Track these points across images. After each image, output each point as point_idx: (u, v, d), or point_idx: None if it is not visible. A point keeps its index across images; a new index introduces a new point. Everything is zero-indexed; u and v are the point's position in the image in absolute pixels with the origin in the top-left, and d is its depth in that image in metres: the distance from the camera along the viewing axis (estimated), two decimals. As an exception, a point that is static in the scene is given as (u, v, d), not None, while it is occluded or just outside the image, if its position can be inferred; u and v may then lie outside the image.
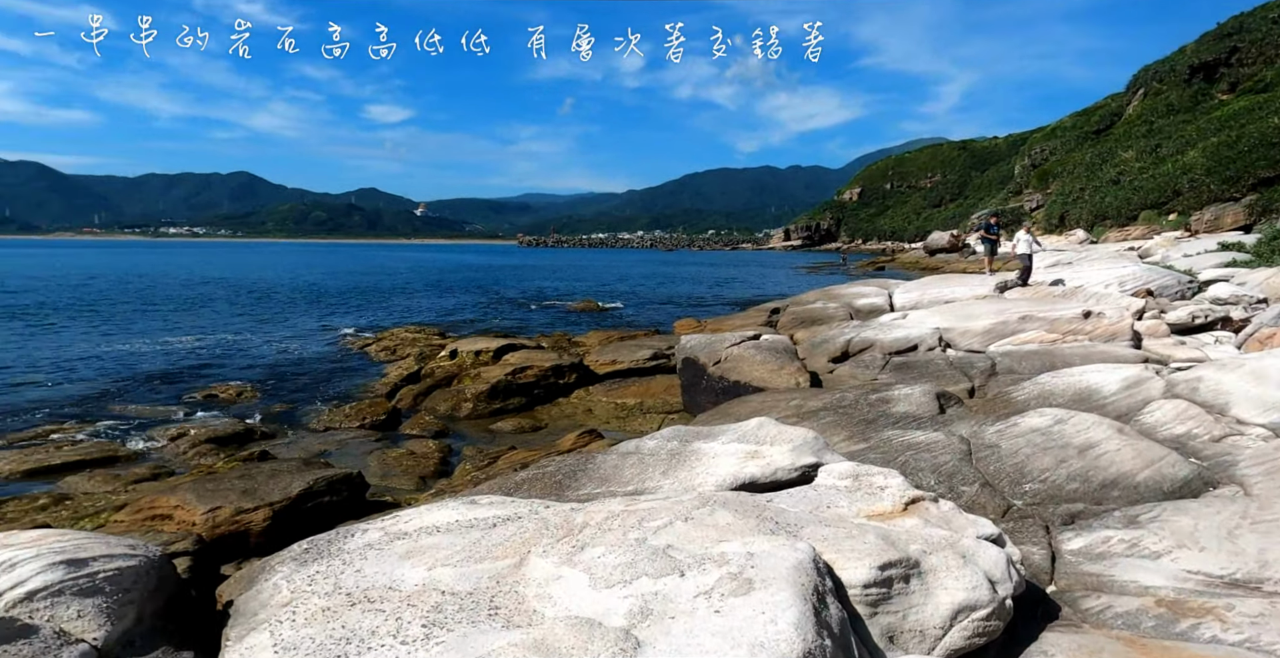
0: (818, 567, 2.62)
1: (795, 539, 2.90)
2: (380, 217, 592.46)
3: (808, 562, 2.60)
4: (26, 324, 23.31)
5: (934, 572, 2.86)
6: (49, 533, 3.18)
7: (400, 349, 16.85)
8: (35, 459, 8.74)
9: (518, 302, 34.60)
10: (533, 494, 5.39)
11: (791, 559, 2.60)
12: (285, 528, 6.00)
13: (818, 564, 2.64)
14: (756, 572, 2.52)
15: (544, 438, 10.52)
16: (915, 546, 3.00)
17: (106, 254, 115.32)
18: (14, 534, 3.12)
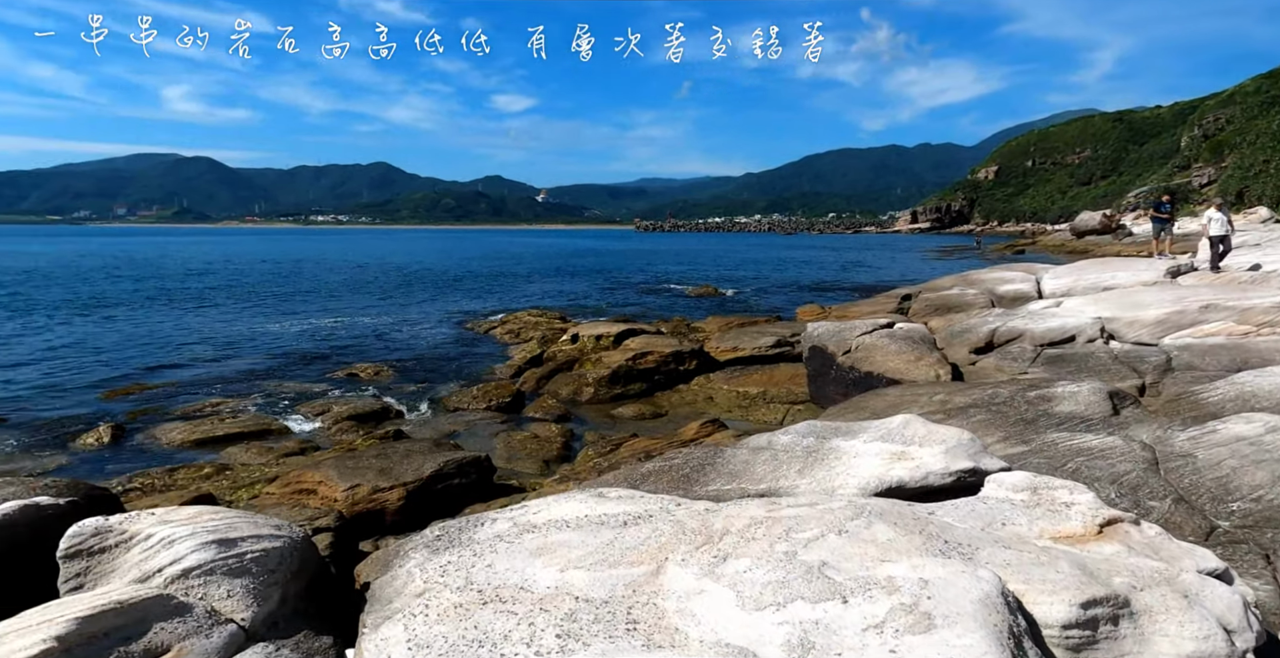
0: (1008, 602, 2.23)
1: (972, 564, 2.51)
2: (504, 203, 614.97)
3: (995, 595, 2.22)
4: (199, 305, 25.76)
5: (1149, 613, 2.39)
6: (204, 510, 3.28)
7: (524, 333, 17.23)
8: (202, 430, 9.50)
9: (636, 286, 34.75)
10: (659, 488, 5.20)
11: (975, 591, 2.23)
12: (417, 507, 6.14)
13: (1007, 598, 2.25)
14: (935, 605, 2.16)
15: (665, 426, 10.36)
16: (1121, 579, 2.53)
17: (265, 241, 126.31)
18: (174, 511, 3.23)
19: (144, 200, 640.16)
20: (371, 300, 27.88)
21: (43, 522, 3.28)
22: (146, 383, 12.62)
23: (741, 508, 3.53)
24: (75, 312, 23.42)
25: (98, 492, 4.95)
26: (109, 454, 8.71)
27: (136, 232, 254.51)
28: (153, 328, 19.75)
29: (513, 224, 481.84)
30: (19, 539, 3.11)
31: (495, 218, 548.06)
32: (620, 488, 4.77)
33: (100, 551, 2.97)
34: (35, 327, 19.81)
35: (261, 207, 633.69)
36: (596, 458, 8.34)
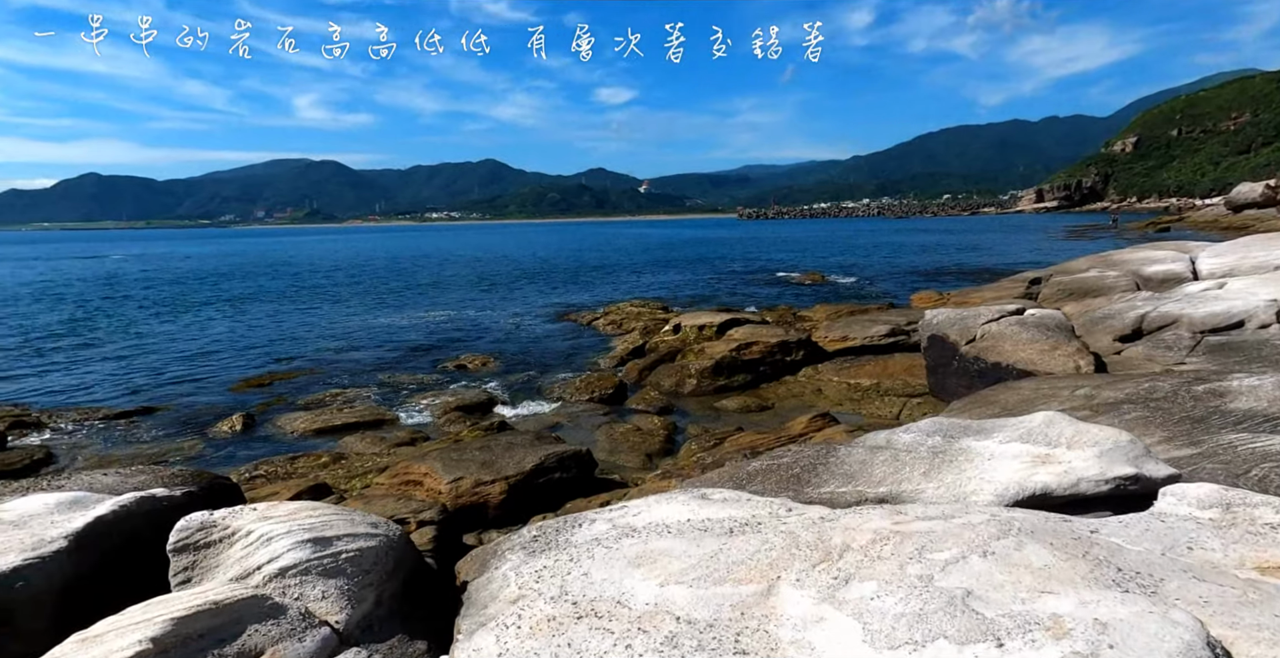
0: (1215, 655, 1.78)
1: (1160, 602, 2.05)
2: (607, 195, 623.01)
3: (1199, 646, 1.78)
4: (325, 300, 27.38)
5: (1407, 677, 1.86)
6: (303, 507, 3.25)
7: (626, 323, 17.15)
8: (323, 420, 9.92)
9: (739, 275, 34.11)
10: (767, 488, 4.87)
11: (1172, 639, 1.79)
12: (519, 501, 6.07)
13: (1215, 651, 1.80)
14: (1119, 655, 1.75)
15: (771, 419, 9.94)
16: (1362, 629, 2.00)
17: (384, 238, 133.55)
18: (275, 506, 3.22)
19: (279, 203, 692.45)
20: (480, 293, 28.73)
21: (159, 514, 3.34)
22: (275, 374, 13.41)
23: (862, 518, 3.16)
24: (218, 308, 25.41)
25: (220, 481, 5.15)
26: (240, 442, 9.24)
27: (273, 232, 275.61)
28: (283, 322, 21.10)
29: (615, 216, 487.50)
30: (137, 531, 3.17)
31: (598, 210, 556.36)
32: (725, 489, 4.48)
33: (206, 545, 2.98)
34: (184, 323, 21.61)
35: (381, 206, 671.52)
36: (700, 453, 8.06)
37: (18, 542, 2.73)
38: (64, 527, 2.89)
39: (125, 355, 15.85)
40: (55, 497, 3.32)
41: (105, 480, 4.56)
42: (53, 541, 2.76)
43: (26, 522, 3.00)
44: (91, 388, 12.64)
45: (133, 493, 3.30)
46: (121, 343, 17.56)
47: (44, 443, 8.95)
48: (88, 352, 16.36)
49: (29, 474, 7.94)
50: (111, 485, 4.50)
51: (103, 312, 24.49)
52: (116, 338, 18.38)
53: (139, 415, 10.38)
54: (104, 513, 3.04)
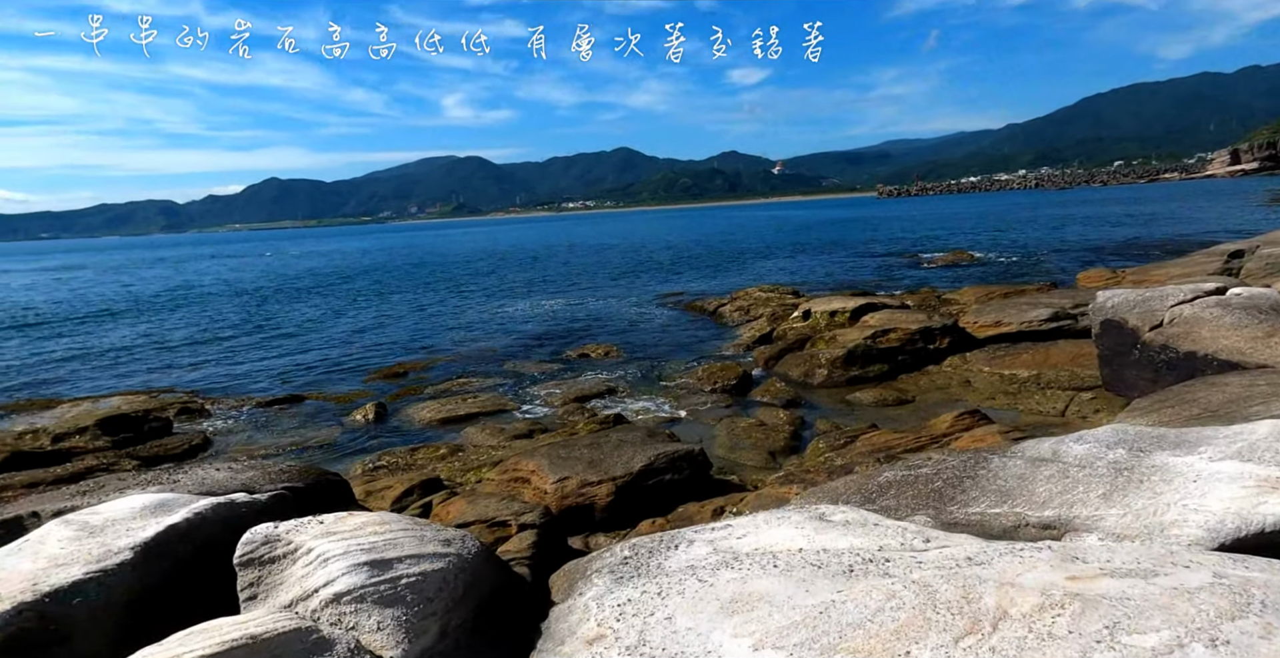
0: None
1: None
2: (739, 178, 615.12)
3: None
4: (461, 289, 28.56)
5: None
6: (370, 520, 3.00)
7: (753, 309, 16.45)
8: (447, 410, 10.08)
9: (877, 256, 32.20)
10: (901, 505, 4.19)
11: None
12: (627, 503, 5.71)
13: None
14: None
15: (911, 415, 9.01)
16: None
17: (522, 229, 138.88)
18: (342, 519, 2.99)
19: (430, 199, 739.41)
20: (607, 281, 28.87)
21: (238, 520, 3.22)
22: (409, 363, 13.92)
23: (1024, 564, 2.47)
24: (366, 299, 27.12)
25: (328, 477, 5.14)
26: (371, 431, 9.55)
27: (423, 227, 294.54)
28: (421, 311, 22.12)
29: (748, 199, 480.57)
30: (214, 539, 3.05)
31: (730, 194, 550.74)
32: (849, 507, 3.86)
33: (270, 560, 2.79)
34: (336, 313, 23.19)
35: (521, 198, 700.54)
36: (828, 452, 7.36)
37: (85, 553, 2.65)
38: (133, 536, 2.79)
39: (283, 345, 17.11)
40: (145, 499, 3.28)
41: (216, 477, 4.61)
42: (118, 552, 2.66)
43: (105, 528, 2.94)
44: (250, 376, 13.68)
45: (209, 499, 3.20)
46: (282, 333, 19.03)
47: (203, 429, 9.66)
48: (253, 339, 17.84)
49: (188, 458, 8.57)
50: (220, 482, 4.54)
51: (270, 304, 26.82)
52: (278, 329, 19.96)
53: (287, 404, 11.02)
54: (177, 521, 2.94)
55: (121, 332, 20.73)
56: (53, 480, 7.00)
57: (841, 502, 4.43)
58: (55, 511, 4.22)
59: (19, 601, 2.34)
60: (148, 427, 9.02)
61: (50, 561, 2.63)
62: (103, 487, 4.61)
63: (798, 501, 4.72)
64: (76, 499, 4.35)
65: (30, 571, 2.56)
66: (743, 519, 3.67)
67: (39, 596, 2.40)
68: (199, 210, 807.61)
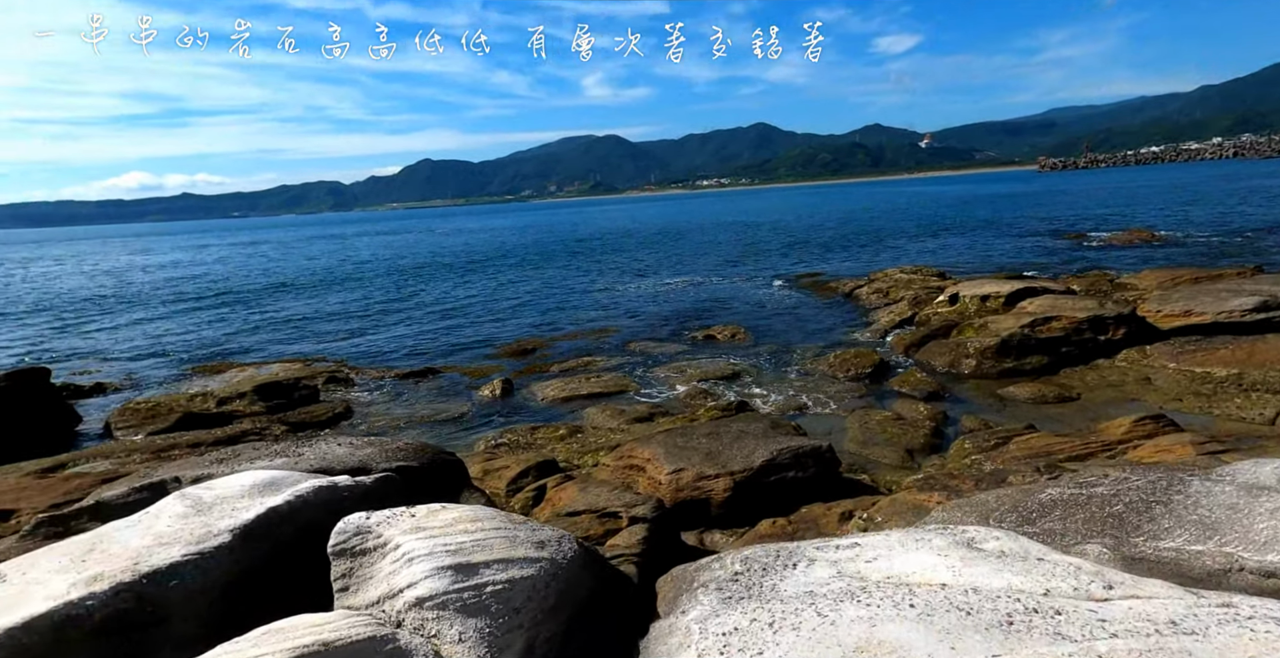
0: None
1: None
2: (883, 152, 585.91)
3: None
4: (593, 266, 28.91)
5: None
6: (463, 516, 2.83)
7: (893, 292, 15.37)
8: (570, 388, 10.08)
9: (1038, 235, 29.38)
10: (1069, 529, 3.56)
11: None
12: (745, 500, 5.34)
13: None
14: None
15: (1076, 416, 7.98)
16: None
17: (656, 207, 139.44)
18: (434, 514, 2.84)
19: (569, 177, 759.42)
20: (738, 260, 28.20)
21: (339, 504, 3.16)
22: (538, 339, 14.16)
23: (1255, 640, 1.89)
24: (504, 274, 28.05)
25: (444, 457, 5.13)
26: (497, 407, 9.71)
27: (562, 205, 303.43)
28: (553, 288, 22.55)
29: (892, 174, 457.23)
30: (316, 523, 3.00)
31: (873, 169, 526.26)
32: (1003, 531, 3.28)
33: (361, 552, 2.69)
34: (475, 288, 24.13)
35: (656, 175, 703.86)
36: (975, 454, 6.62)
37: (188, 532, 2.65)
38: (236, 517, 2.78)
39: (425, 318, 17.97)
40: (256, 476, 3.31)
41: (337, 452, 4.69)
42: (218, 534, 2.64)
43: (214, 506, 2.96)
44: (393, 347, 14.42)
45: (313, 481, 3.16)
46: (425, 308, 20.01)
47: (346, 398, 10.22)
48: (399, 313, 18.87)
49: (330, 426, 9.07)
50: (340, 457, 4.61)
51: (418, 279, 28.37)
52: (422, 303, 21.02)
53: (423, 376, 11.47)
54: (278, 504, 2.91)
55: (288, 303, 22.63)
56: (212, 442, 7.58)
57: (993, 521, 3.84)
58: (194, 477, 4.44)
59: (118, 581, 2.34)
60: (297, 394, 9.63)
61: (156, 538, 2.65)
62: (238, 456, 4.82)
63: (939, 513, 4.17)
64: (213, 467, 4.56)
65: (136, 548, 2.59)
66: (874, 537, 3.21)
67: (138, 576, 2.39)
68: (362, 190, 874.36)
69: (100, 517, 4.25)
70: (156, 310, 22.15)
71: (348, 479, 3.27)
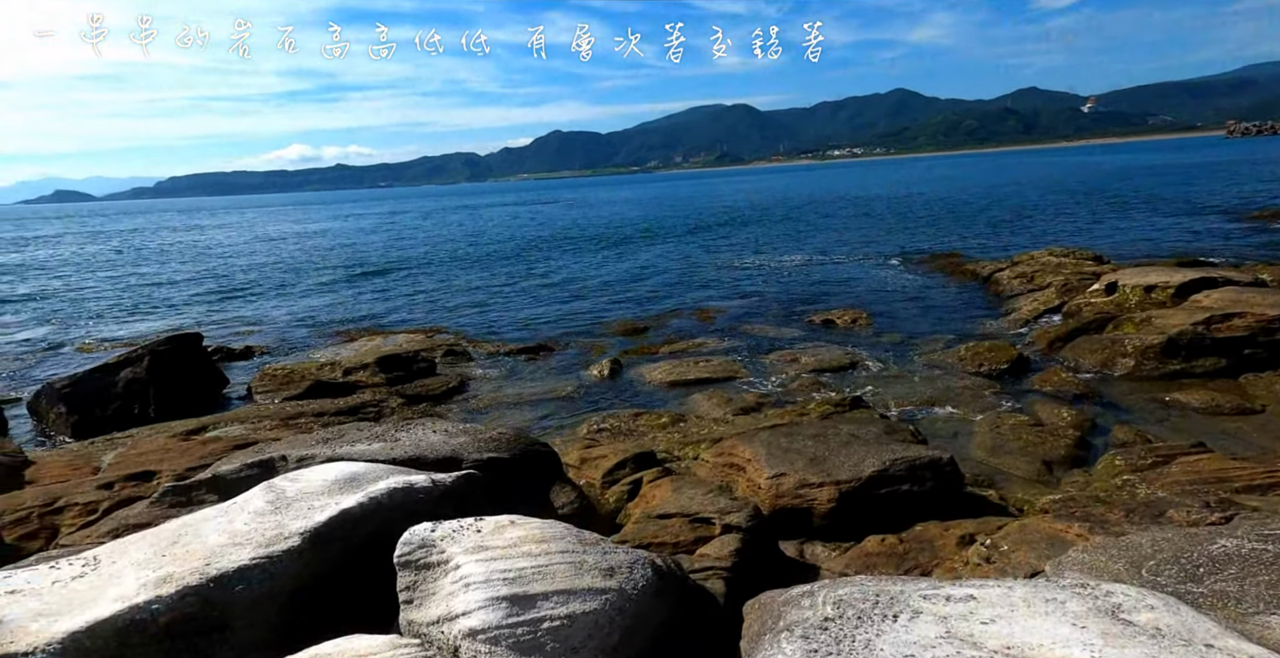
0: None
1: None
2: (1037, 118, 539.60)
3: None
4: (704, 242, 28.42)
5: None
6: (529, 536, 2.66)
7: (1039, 277, 13.97)
8: (678, 372, 9.87)
9: (1219, 213, 25.96)
10: (1247, 593, 2.94)
11: None
12: (851, 512, 4.94)
13: None
14: None
15: (1258, 432, 6.89)
16: None
17: (783, 178, 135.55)
18: (498, 531, 2.69)
19: (695, 148, 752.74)
20: (866, 236, 26.79)
21: (416, 506, 3.10)
22: (651, 316, 14.03)
23: None
24: (622, 250, 28.11)
25: (536, 448, 5.05)
26: (604, 389, 9.66)
27: (686, 176, 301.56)
28: (669, 265, 22.33)
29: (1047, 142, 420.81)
30: (391, 525, 2.94)
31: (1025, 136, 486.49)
32: (1159, 596, 2.74)
33: (425, 566, 2.59)
34: (592, 262, 24.33)
35: (785, 145, 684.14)
36: (1128, 474, 5.81)
37: (261, 533, 2.64)
38: (309, 518, 2.75)
39: (545, 293, 18.29)
40: (340, 470, 3.31)
41: (431, 439, 4.70)
42: (289, 537, 2.62)
43: (294, 503, 2.96)
44: (512, 321, 14.76)
45: (390, 481, 3.10)
46: (546, 282, 20.39)
47: (461, 373, 10.51)
48: (522, 286, 19.34)
49: (443, 400, 9.35)
50: (433, 445, 4.62)
51: (543, 252, 29.00)
52: (544, 277, 21.44)
53: (536, 352, 11.62)
54: (351, 506, 2.86)
55: (418, 274, 23.76)
56: (334, 412, 7.97)
57: (1147, 573, 3.26)
58: (299, 457, 4.58)
59: (185, 584, 2.35)
60: (416, 367, 10.00)
61: (231, 537, 2.67)
62: (342, 436, 4.94)
63: (1078, 554, 3.60)
64: (317, 447, 4.69)
65: (211, 547, 2.61)
66: (994, 590, 2.77)
67: (205, 579, 2.40)
68: (495, 161, 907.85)
69: (218, 490, 4.48)
70: (303, 278, 23.89)
71: (425, 480, 3.20)
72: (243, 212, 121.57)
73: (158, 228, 68.24)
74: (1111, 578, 3.28)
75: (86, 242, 51.01)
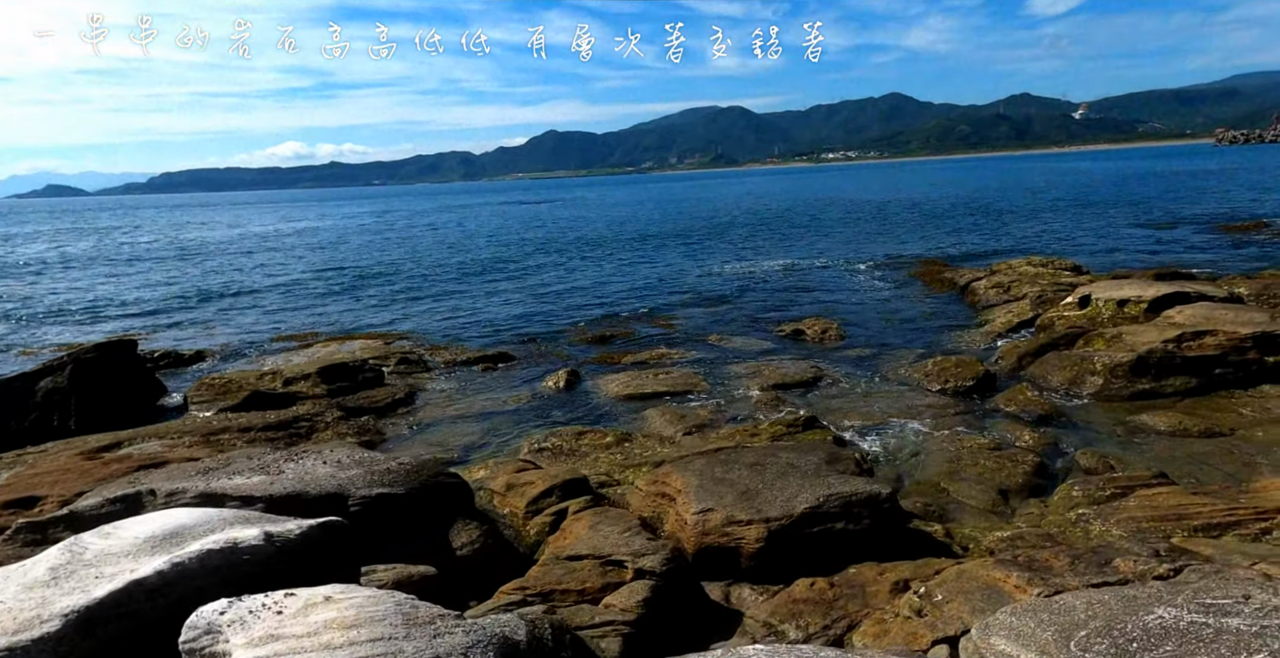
0: None
1: None
2: (1029, 124, 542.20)
3: None
4: (686, 247, 28.06)
5: None
6: (338, 620, 2.28)
7: (1015, 287, 13.67)
8: (635, 385, 9.50)
9: (1201, 223, 25.78)
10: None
11: None
12: (781, 552, 4.58)
13: None
14: None
15: (1224, 457, 6.58)
16: None
17: (776, 180, 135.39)
18: (310, 609, 2.30)
19: (689, 149, 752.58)
20: (851, 241, 26.49)
21: (239, 570, 2.71)
22: (616, 325, 13.65)
23: None
24: (605, 252, 27.71)
25: (442, 480, 4.68)
26: (556, 401, 9.29)
27: (680, 177, 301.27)
28: (649, 270, 21.96)
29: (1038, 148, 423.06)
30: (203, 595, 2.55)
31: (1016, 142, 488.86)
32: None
33: (210, 656, 2.20)
34: (564, 266, 23.93)
35: (779, 148, 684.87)
36: (1083, 507, 5.48)
37: (13, 615, 2.24)
38: (85, 594, 2.36)
39: (518, 296, 17.89)
40: (165, 522, 2.92)
41: (317, 473, 4.32)
42: (47, 620, 2.23)
43: (90, 566, 2.57)
44: (477, 325, 14.37)
45: (205, 542, 2.71)
46: (521, 283, 19.98)
47: (411, 383, 10.11)
48: (495, 288, 18.92)
49: (387, 413, 8.94)
50: (318, 480, 4.23)
51: (521, 253, 28.57)
52: (520, 279, 21.03)
53: (495, 361, 11.23)
54: (145, 575, 2.47)
55: (396, 276, 23.30)
56: (262, 427, 7.57)
57: (1076, 647, 2.89)
58: (170, 491, 4.19)
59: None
60: (362, 377, 9.59)
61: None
62: (230, 464, 4.55)
63: (1007, 617, 3.24)
64: (195, 480, 4.30)
65: (-38, 628, 2.21)
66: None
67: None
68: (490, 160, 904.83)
69: (74, 527, 4.06)
70: (274, 279, 23.41)
71: (256, 536, 2.80)
72: (231, 208, 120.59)
73: (135, 226, 67.37)
74: (1038, 649, 2.93)
75: (66, 239, 50.30)
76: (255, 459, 4.58)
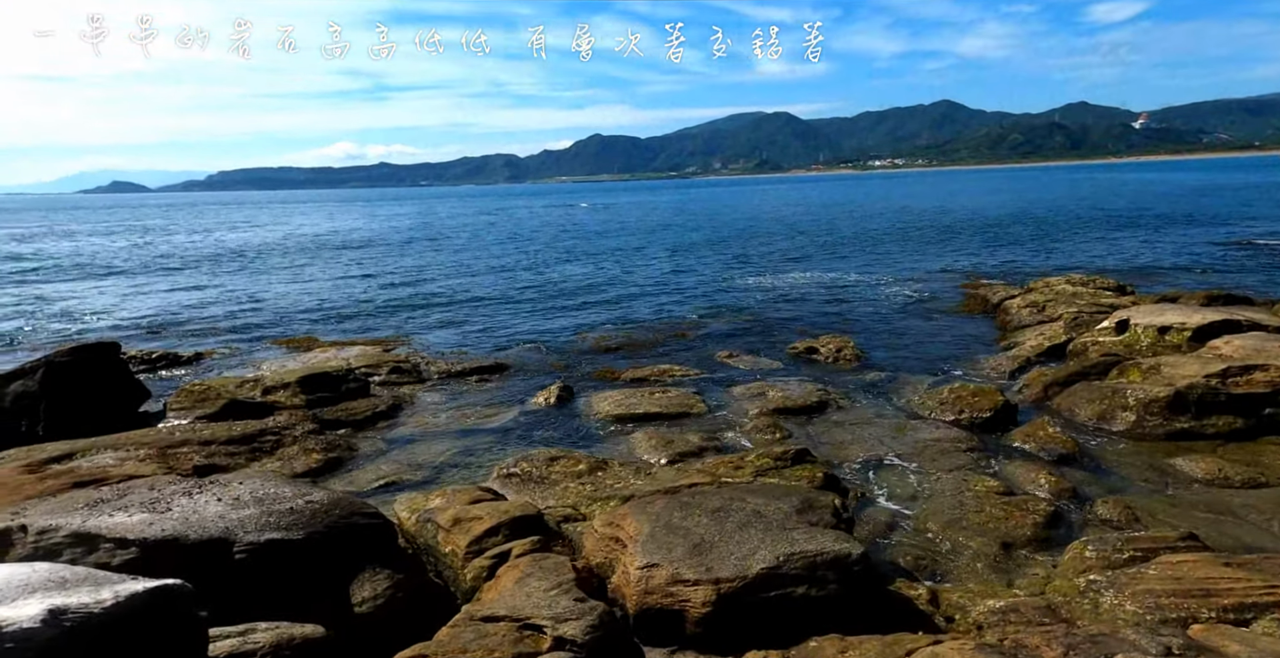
0: None
1: None
2: (1086, 134, 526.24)
3: None
4: (715, 254, 27.42)
5: None
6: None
7: (1051, 307, 12.78)
8: (628, 404, 8.99)
9: (1261, 244, 24.21)
10: None
11: None
12: (732, 618, 4.02)
13: None
14: None
15: (1270, 513, 5.79)
16: None
17: (820, 188, 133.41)
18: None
19: (734, 155, 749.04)
20: (886, 253, 25.58)
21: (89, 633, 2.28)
22: (622, 335, 13.16)
23: None
24: (634, 259, 27.26)
25: (356, 521, 4.24)
26: (544, 418, 8.84)
27: (723, 182, 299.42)
28: (680, 277, 21.42)
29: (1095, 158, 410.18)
30: None
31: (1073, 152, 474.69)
32: None
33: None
34: (595, 272, 23.51)
35: (825, 155, 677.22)
36: (1095, 572, 4.79)
37: None
38: None
39: (534, 303, 17.52)
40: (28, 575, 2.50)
41: (207, 512, 3.92)
42: None
43: None
44: (481, 333, 14.03)
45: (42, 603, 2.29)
46: (542, 291, 19.62)
47: (398, 394, 9.76)
48: (509, 294, 18.60)
49: (365, 426, 8.59)
50: (206, 521, 3.82)
51: (552, 257, 28.28)
52: (541, 286, 20.69)
53: (489, 373, 10.85)
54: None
55: (422, 279, 23.21)
56: (226, 439, 7.27)
57: None
58: (42, 529, 3.82)
59: None
60: (345, 387, 9.28)
61: None
62: (124, 496, 4.18)
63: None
64: (73, 516, 3.93)
65: None
66: None
67: None
68: (535, 163, 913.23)
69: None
70: (297, 280, 23.52)
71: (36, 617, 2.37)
72: (284, 206, 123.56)
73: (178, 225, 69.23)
74: None
75: (113, 235, 51.85)
76: (155, 490, 4.21)
